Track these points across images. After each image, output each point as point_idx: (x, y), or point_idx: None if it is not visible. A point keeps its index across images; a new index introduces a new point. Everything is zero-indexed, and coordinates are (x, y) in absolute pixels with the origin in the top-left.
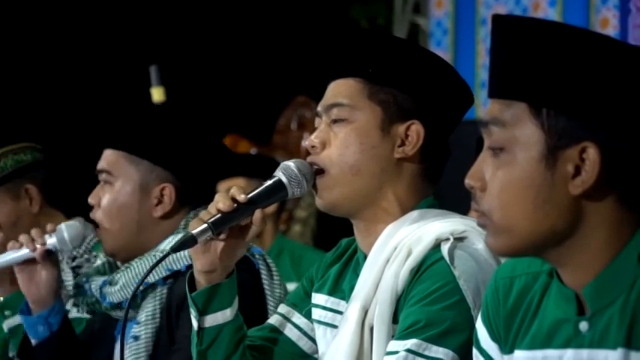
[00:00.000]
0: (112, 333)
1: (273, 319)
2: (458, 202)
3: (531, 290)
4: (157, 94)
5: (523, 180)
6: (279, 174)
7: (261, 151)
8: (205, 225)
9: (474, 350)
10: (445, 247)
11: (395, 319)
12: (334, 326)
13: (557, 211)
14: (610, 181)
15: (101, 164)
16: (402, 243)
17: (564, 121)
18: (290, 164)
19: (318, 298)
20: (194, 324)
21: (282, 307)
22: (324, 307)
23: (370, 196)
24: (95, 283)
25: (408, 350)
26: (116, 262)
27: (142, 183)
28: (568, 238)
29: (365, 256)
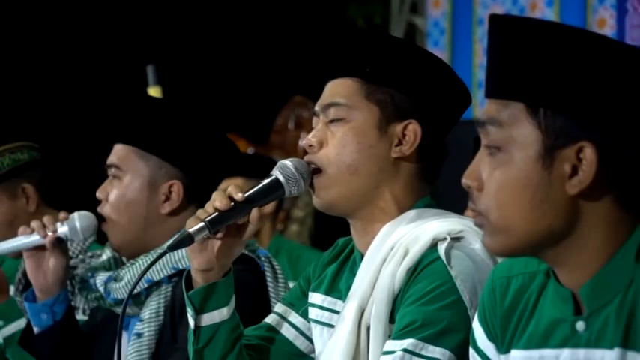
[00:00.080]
0: (115, 327)
1: (269, 318)
2: (455, 202)
3: (528, 290)
4: (154, 93)
5: (520, 180)
6: (276, 173)
7: (259, 151)
8: (202, 223)
9: (470, 350)
10: (442, 247)
11: (392, 318)
12: (331, 325)
13: (554, 211)
14: (607, 181)
15: (111, 159)
16: (399, 242)
17: (561, 121)
18: (287, 163)
19: (314, 297)
20: (191, 322)
21: (279, 307)
22: (320, 307)
23: (367, 196)
24: (100, 278)
25: (404, 350)
26: (121, 258)
27: (150, 179)
28: (565, 237)
29: (362, 256)
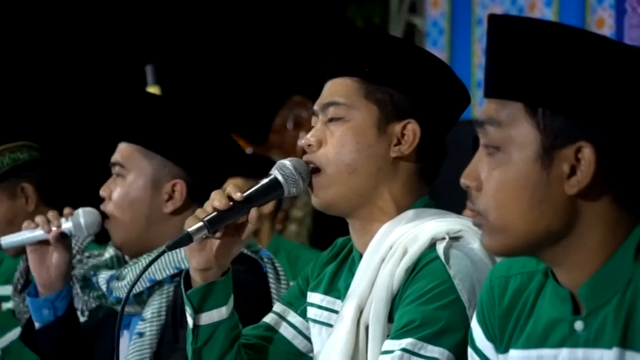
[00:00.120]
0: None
1: (268, 317)
2: (454, 202)
3: (526, 290)
4: None
5: (519, 180)
6: (275, 172)
7: (258, 151)
8: (201, 223)
9: (469, 349)
10: (440, 247)
11: (390, 318)
12: (329, 325)
13: (552, 211)
14: (606, 181)
15: (115, 157)
16: (397, 242)
17: (560, 121)
18: (286, 163)
19: (313, 297)
20: (189, 322)
21: (278, 306)
22: (319, 306)
23: (366, 195)
24: (102, 276)
25: (403, 349)
26: (124, 257)
27: (154, 178)
28: (564, 237)
29: (360, 255)
